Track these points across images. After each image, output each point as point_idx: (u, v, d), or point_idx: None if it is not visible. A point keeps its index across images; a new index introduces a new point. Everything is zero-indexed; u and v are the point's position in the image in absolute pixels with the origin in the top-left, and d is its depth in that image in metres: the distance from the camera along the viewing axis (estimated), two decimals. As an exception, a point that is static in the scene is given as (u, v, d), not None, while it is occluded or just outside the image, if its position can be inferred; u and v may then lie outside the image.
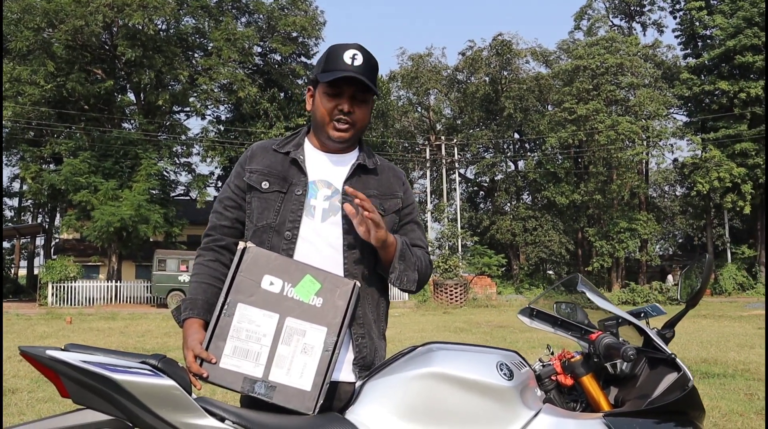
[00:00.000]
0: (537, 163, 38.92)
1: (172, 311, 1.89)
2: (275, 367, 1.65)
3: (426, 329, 15.16)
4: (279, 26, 32.16)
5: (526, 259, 38.38)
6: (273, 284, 1.69)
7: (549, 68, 40.90)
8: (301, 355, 1.67)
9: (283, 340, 1.67)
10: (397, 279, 1.84)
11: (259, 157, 1.93)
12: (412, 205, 2.02)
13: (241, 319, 1.67)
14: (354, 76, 1.79)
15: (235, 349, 1.65)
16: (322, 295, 1.70)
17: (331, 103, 1.84)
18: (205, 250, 1.92)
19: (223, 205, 1.94)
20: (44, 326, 15.48)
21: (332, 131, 1.86)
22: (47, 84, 26.28)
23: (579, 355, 1.94)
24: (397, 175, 2.01)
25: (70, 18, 25.56)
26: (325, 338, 1.68)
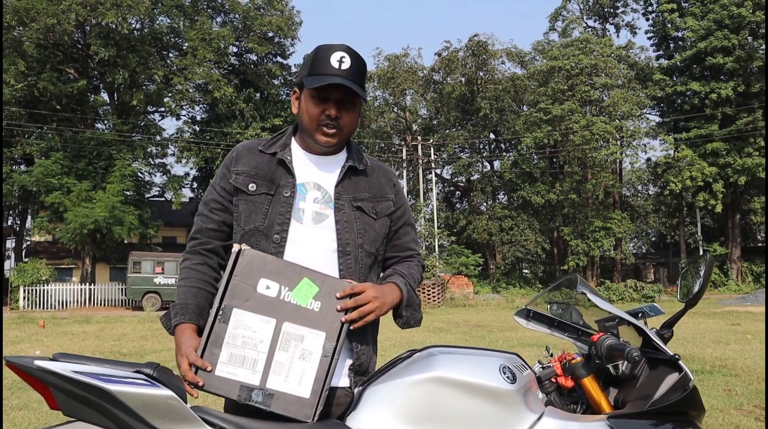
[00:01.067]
0: (513, 163, 39.16)
1: (160, 318, 1.82)
2: (273, 374, 1.60)
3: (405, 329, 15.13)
4: (255, 26, 31.95)
5: (503, 259, 38.59)
6: (269, 288, 1.63)
7: (524, 69, 41.19)
8: (300, 361, 1.62)
9: (281, 346, 1.61)
10: (404, 323, 1.86)
11: (244, 158, 1.86)
12: (404, 206, 1.97)
13: (237, 325, 1.61)
14: (341, 83, 1.73)
15: (231, 357, 1.60)
16: (320, 298, 1.65)
17: (318, 108, 1.78)
18: (191, 253, 1.86)
19: (208, 208, 1.88)
20: (16, 331, 15.16)
21: (320, 136, 1.81)
22: (18, 83, 25.79)
23: (579, 356, 1.92)
24: (388, 176, 1.96)
25: (42, 16, 25.11)
26: (323, 343, 1.63)
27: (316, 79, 1.74)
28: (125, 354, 10.50)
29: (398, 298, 1.80)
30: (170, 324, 1.76)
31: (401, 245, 1.96)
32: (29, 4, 24.96)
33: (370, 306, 1.68)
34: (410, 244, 1.96)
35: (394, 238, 1.94)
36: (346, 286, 1.68)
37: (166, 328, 1.79)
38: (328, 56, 1.76)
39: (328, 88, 1.75)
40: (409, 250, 1.96)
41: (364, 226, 1.83)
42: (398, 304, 1.80)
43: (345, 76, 1.74)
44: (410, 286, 1.86)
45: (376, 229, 1.86)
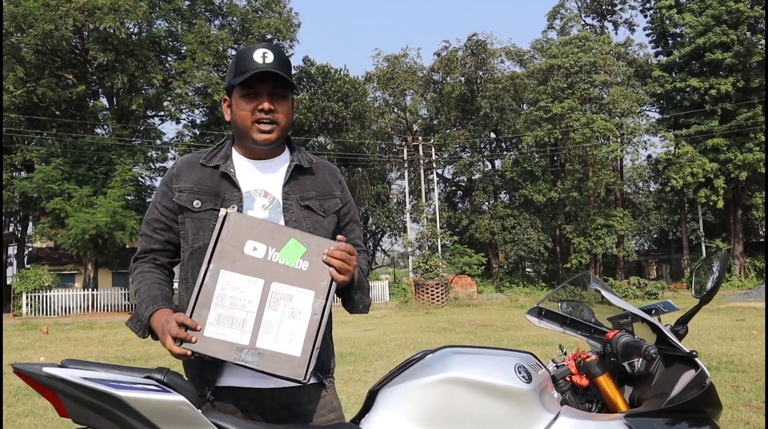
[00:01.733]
0: (514, 161, 39.13)
1: (126, 323, 1.79)
2: (262, 333, 1.58)
3: (409, 330, 15.12)
4: (253, 28, 31.94)
5: (506, 258, 38.56)
6: (256, 249, 1.61)
7: (524, 68, 41.20)
8: (289, 320, 1.59)
9: (270, 305, 1.59)
10: (354, 308, 1.84)
11: (185, 174, 1.83)
12: (350, 203, 1.98)
13: (224, 286, 1.59)
14: (268, 70, 1.72)
15: (219, 317, 1.57)
16: (308, 258, 1.63)
17: (250, 105, 1.77)
18: (140, 263, 1.86)
19: (151, 228, 1.86)
20: (20, 337, 15.15)
21: (256, 134, 1.78)
22: (16, 90, 25.80)
23: (594, 354, 1.90)
24: (333, 174, 1.95)
25: (39, 22, 25.09)
26: (313, 302, 1.61)
27: (242, 76, 1.73)
28: (129, 359, 10.48)
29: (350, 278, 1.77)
30: (140, 324, 1.74)
31: (349, 242, 1.90)
32: (27, 11, 24.96)
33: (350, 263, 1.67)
34: (356, 241, 1.95)
35: (342, 234, 1.91)
36: (333, 245, 1.66)
37: (136, 332, 1.76)
38: (250, 54, 1.75)
39: (256, 82, 1.75)
40: (356, 246, 1.94)
41: (314, 224, 1.83)
42: (349, 286, 1.77)
43: (270, 67, 1.74)
44: (360, 270, 1.84)
45: (326, 226, 1.85)
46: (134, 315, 1.78)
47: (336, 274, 1.63)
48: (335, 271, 1.64)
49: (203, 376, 1.74)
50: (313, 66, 37.91)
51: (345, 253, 1.65)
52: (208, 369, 1.74)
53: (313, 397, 1.79)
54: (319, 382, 1.80)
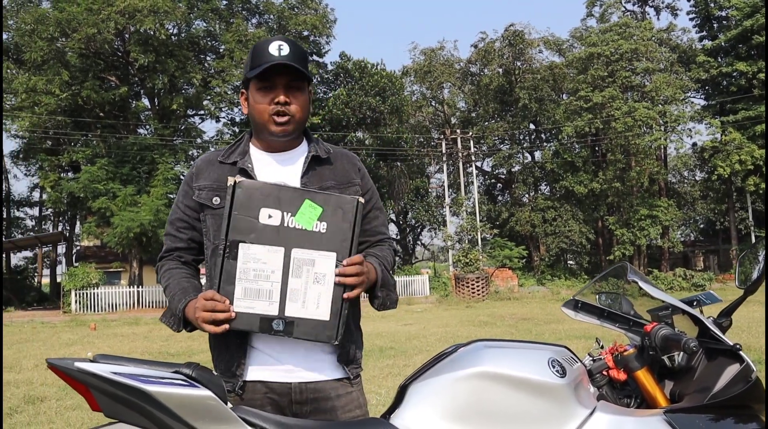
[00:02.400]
0: (554, 153, 38.58)
1: (161, 319, 1.83)
2: (290, 301, 1.60)
3: (450, 324, 15.06)
4: (290, 26, 32.14)
5: (547, 250, 38.09)
6: (272, 217, 1.61)
7: (562, 57, 40.53)
8: (314, 285, 1.60)
9: (293, 273, 1.60)
10: (381, 304, 1.84)
11: (205, 172, 1.86)
12: (371, 190, 1.96)
13: (246, 260, 1.60)
14: (284, 62, 1.72)
15: (245, 291, 1.60)
16: (325, 219, 1.63)
17: (267, 98, 1.77)
18: (167, 261, 1.90)
19: (175, 227, 1.89)
20: (69, 333, 15.59)
21: (273, 127, 1.79)
22: (62, 93, 26.47)
23: (632, 348, 1.84)
24: (352, 162, 1.94)
25: (83, 26, 25.70)
26: (335, 264, 1.62)
27: (258, 68, 1.74)
28: (173, 354, 10.68)
29: (374, 276, 1.78)
30: (175, 317, 1.76)
31: (371, 229, 1.94)
32: (71, 15, 25.58)
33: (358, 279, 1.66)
34: (380, 229, 1.96)
35: (364, 222, 1.89)
36: (350, 202, 1.64)
37: (171, 326, 1.79)
38: (266, 47, 1.76)
39: (272, 74, 1.75)
40: (379, 234, 1.95)
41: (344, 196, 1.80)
42: (374, 284, 1.78)
43: (286, 59, 1.74)
44: (384, 267, 1.84)
45: None
46: (167, 310, 1.80)
47: (351, 294, 1.65)
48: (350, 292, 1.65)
49: (231, 370, 1.76)
50: (350, 61, 37.96)
51: (357, 267, 1.65)
52: (235, 363, 1.75)
53: (340, 393, 1.78)
54: (345, 376, 1.79)
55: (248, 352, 1.76)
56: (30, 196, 39.85)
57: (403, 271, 36.89)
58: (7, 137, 34.17)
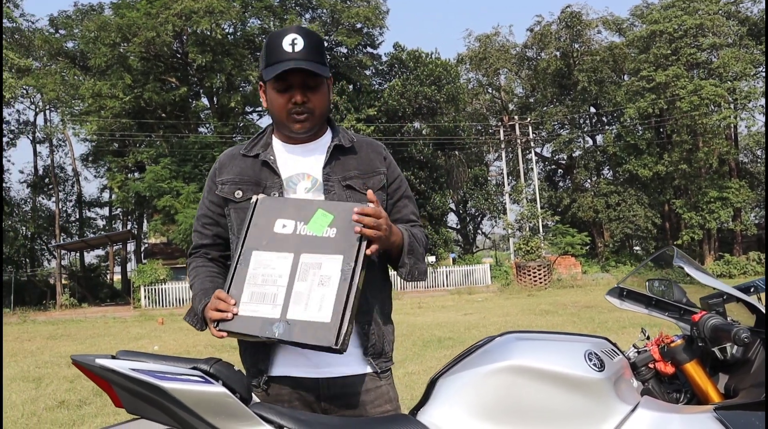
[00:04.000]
0: (616, 136, 37.48)
1: (185, 318, 1.82)
2: (293, 304, 1.56)
3: (511, 313, 14.84)
4: (343, 19, 32.25)
5: (611, 236, 37.10)
6: (285, 226, 1.63)
7: (623, 37, 39.23)
8: (319, 287, 1.56)
9: (299, 276, 1.58)
10: (408, 273, 1.77)
11: (228, 166, 1.85)
12: (399, 178, 1.91)
13: (256, 266, 1.61)
14: (296, 66, 1.67)
15: (252, 295, 1.59)
16: (336, 224, 1.60)
17: (283, 98, 1.74)
18: (194, 258, 1.90)
19: (201, 224, 1.90)
20: (138, 328, 16.12)
21: (292, 125, 1.76)
22: (126, 96, 27.36)
23: (680, 339, 1.70)
24: (377, 150, 1.89)
25: (142, 31, 26.46)
26: (341, 266, 1.57)
27: (273, 69, 1.70)
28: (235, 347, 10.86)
29: (400, 240, 1.71)
30: (197, 317, 1.75)
31: (402, 218, 1.88)
32: (131, 21, 26.36)
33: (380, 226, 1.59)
34: (410, 217, 1.91)
35: (394, 211, 1.88)
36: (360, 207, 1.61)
37: (193, 325, 1.77)
38: (279, 42, 1.71)
39: (286, 75, 1.69)
40: (410, 221, 1.89)
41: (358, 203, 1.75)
42: (400, 251, 1.72)
43: (300, 57, 1.69)
44: (413, 235, 1.79)
45: None
46: (190, 309, 1.79)
47: (366, 230, 1.57)
48: (366, 228, 1.57)
49: (257, 366, 1.75)
50: (404, 52, 37.78)
51: (373, 219, 1.58)
52: (261, 359, 1.74)
53: (368, 387, 1.74)
54: (374, 370, 1.74)
55: (274, 347, 1.73)
56: (100, 197, 41.42)
57: (463, 260, 36.64)
58: (77, 141, 35.65)
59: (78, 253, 36.93)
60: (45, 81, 29.72)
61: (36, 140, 37.81)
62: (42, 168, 38.66)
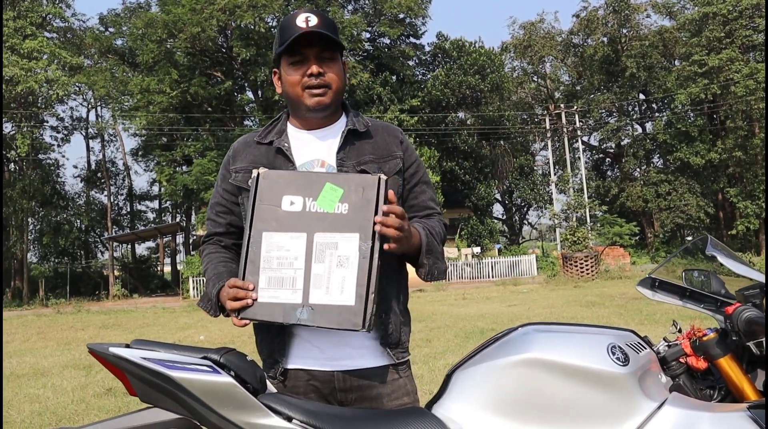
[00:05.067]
0: (666, 123, 36.49)
1: (198, 304, 1.81)
2: (314, 288, 1.52)
3: (555, 304, 14.61)
4: (385, 9, 32.15)
5: (661, 226, 36.19)
6: (294, 203, 1.56)
7: (673, 20, 38.11)
8: (338, 269, 1.51)
9: (316, 258, 1.53)
10: (428, 273, 1.72)
11: (242, 154, 1.82)
12: (416, 163, 1.85)
13: (269, 248, 1.55)
14: (312, 30, 1.66)
15: (269, 280, 1.54)
16: (346, 199, 1.54)
17: (299, 71, 1.71)
18: (207, 245, 1.88)
19: (215, 212, 1.87)
20: (186, 318, 16.45)
21: (308, 100, 1.72)
22: (173, 91, 27.87)
23: (713, 332, 1.61)
24: (393, 134, 1.84)
25: (188, 26, 26.87)
26: (359, 245, 1.52)
27: (287, 42, 1.67)
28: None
29: (417, 241, 1.66)
30: (210, 302, 1.72)
31: (419, 204, 1.83)
32: (176, 17, 26.81)
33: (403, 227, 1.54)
34: (428, 203, 1.85)
35: (410, 197, 1.83)
36: (372, 180, 1.54)
37: (207, 311, 1.75)
38: (293, 21, 1.70)
39: (301, 45, 1.68)
40: (428, 208, 1.84)
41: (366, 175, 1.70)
42: (418, 251, 1.67)
43: (315, 28, 1.67)
44: (431, 233, 1.74)
45: None
46: (204, 295, 1.77)
47: (387, 230, 1.52)
48: (392, 244, 1.52)
49: (273, 356, 1.74)
50: (447, 41, 37.49)
51: (398, 220, 1.53)
52: (277, 350, 1.73)
53: (386, 379, 1.70)
54: (390, 362, 1.70)
55: (288, 339, 1.72)
56: (150, 190, 42.46)
57: (509, 251, 36.26)
58: (127, 136, 36.54)
59: (129, 245, 37.93)
60: (96, 78, 30.51)
61: (89, 136, 38.97)
62: (94, 163, 39.84)
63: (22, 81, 26.73)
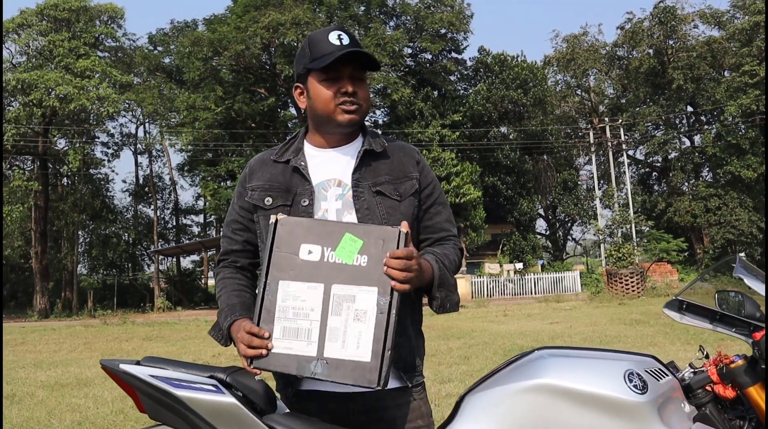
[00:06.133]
0: (716, 135, 35.52)
1: (209, 332, 1.79)
2: (329, 341, 1.48)
3: (598, 322, 14.29)
4: (427, 25, 32.24)
5: (711, 242, 35.15)
6: (312, 252, 1.52)
7: (722, 30, 37.20)
8: (355, 323, 1.47)
9: (333, 310, 1.49)
10: (440, 307, 1.68)
11: (258, 172, 1.81)
12: (432, 184, 1.83)
13: (285, 297, 1.52)
14: (354, 50, 1.66)
15: (284, 330, 1.51)
16: (366, 251, 1.50)
17: (333, 88, 1.70)
18: (222, 268, 1.86)
19: (231, 229, 1.85)
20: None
21: (340, 116, 1.71)
22: (218, 107, 28.47)
23: (741, 358, 1.52)
24: (410, 154, 1.83)
25: (233, 44, 27.46)
26: (377, 299, 1.47)
27: (325, 59, 1.68)
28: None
29: (429, 275, 1.62)
30: (221, 333, 1.72)
31: (434, 226, 1.80)
32: (221, 35, 27.44)
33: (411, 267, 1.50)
34: (444, 225, 1.82)
35: (425, 218, 1.80)
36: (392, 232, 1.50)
37: (218, 341, 1.74)
38: (325, 37, 1.70)
39: (338, 65, 1.67)
40: (443, 230, 1.81)
41: (388, 210, 1.72)
42: (430, 284, 1.63)
43: (350, 47, 1.67)
44: (444, 265, 1.69)
45: (402, 211, 1.73)
46: (216, 324, 1.77)
47: (399, 285, 1.48)
48: (397, 283, 1.48)
49: (287, 377, 1.71)
50: (489, 56, 37.37)
51: (404, 261, 1.48)
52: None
53: (399, 402, 1.67)
54: (403, 385, 1.67)
55: None
56: (195, 205, 43.31)
57: (553, 267, 35.72)
58: (174, 152, 37.42)
59: (174, 258, 38.68)
60: (144, 95, 31.38)
61: (137, 151, 40.05)
62: (142, 177, 40.90)
63: (75, 99, 27.67)
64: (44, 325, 22.10)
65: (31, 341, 15.02)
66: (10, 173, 30.21)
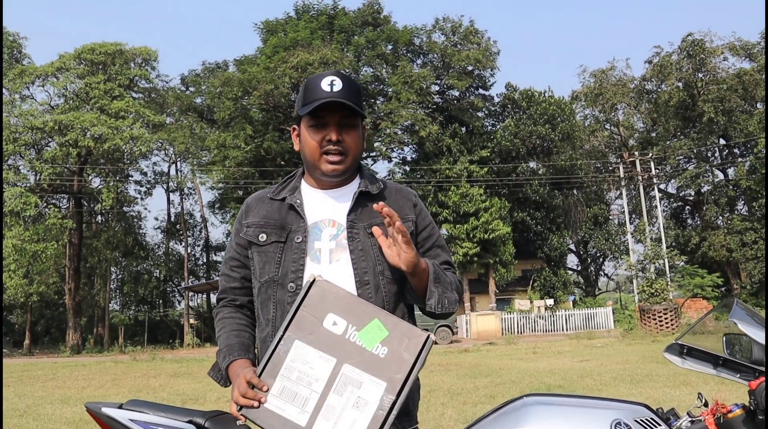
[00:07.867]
0: (750, 168, 34.87)
1: (208, 373, 1.78)
2: (321, 418, 1.44)
3: (630, 360, 13.93)
4: (453, 62, 32.56)
5: (748, 277, 34.23)
6: (336, 324, 1.51)
7: (753, 62, 36.79)
8: (353, 409, 1.43)
9: (336, 389, 1.46)
10: (438, 303, 1.67)
11: (254, 209, 1.83)
12: (429, 227, 1.83)
13: (295, 358, 1.50)
14: (334, 100, 1.66)
15: (283, 390, 1.48)
16: (388, 344, 1.47)
17: (318, 136, 1.72)
18: (222, 307, 1.87)
19: (228, 266, 1.87)
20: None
21: (324, 165, 1.73)
22: (247, 146, 28.96)
23: (739, 408, 1.46)
24: (407, 196, 1.85)
25: (262, 84, 28.04)
26: (382, 395, 1.43)
27: (309, 106, 1.68)
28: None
29: (425, 266, 1.66)
30: (220, 373, 1.72)
31: None
32: (251, 76, 28.04)
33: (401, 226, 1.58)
34: (443, 267, 1.80)
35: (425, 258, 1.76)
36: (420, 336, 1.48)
37: (217, 381, 1.74)
38: (318, 83, 1.71)
39: (324, 112, 1.69)
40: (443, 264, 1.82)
41: (382, 251, 1.68)
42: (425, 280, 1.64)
43: (338, 96, 1.67)
44: (436, 266, 1.73)
45: None
46: (215, 364, 1.78)
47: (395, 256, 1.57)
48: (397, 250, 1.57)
49: None
50: (516, 91, 37.50)
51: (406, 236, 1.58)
52: None
53: None
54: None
55: None
56: (225, 242, 43.78)
57: (584, 303, 35.10)
58: (205, 190, 38.01)
59: (205, 294, 39.01)
60: (176, 134, 32.11)
61: (169, 189, 40.80)
62: (174, 215, 41.54)
63: (109, 139, 28.42)
64: (75, 361, 22.34)
65: (61, 377, 15.17)
66: (46, 211, 30.97)
